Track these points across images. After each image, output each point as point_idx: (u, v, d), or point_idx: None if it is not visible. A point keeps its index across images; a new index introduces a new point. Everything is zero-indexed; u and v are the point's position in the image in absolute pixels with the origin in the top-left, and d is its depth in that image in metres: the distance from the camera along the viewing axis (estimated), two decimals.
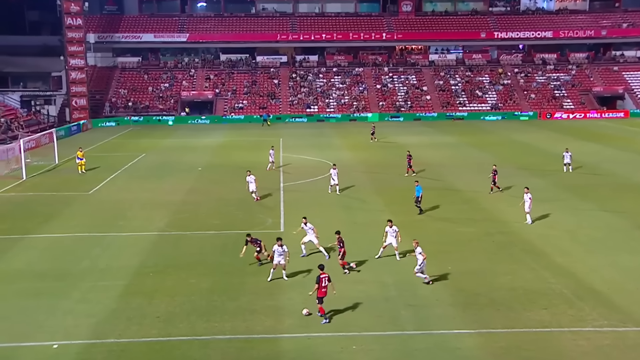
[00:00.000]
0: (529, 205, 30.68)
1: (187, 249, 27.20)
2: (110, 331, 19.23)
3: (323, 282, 19.86)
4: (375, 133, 61.75)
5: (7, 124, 61.69)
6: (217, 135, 67.15)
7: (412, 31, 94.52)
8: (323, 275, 19.94)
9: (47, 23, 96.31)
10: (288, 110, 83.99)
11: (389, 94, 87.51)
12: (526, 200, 30.72)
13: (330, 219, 32.05)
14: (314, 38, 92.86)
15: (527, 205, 30.69)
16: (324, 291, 19.83)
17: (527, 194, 30.83)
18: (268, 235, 28.98)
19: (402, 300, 21.57)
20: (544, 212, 32.55)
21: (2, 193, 38.93)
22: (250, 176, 35.08)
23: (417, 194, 32.85)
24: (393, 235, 25.89)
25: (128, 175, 44.93)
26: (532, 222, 30.77)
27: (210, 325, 19.61)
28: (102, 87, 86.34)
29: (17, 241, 28.61)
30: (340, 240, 24.57)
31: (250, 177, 35.04)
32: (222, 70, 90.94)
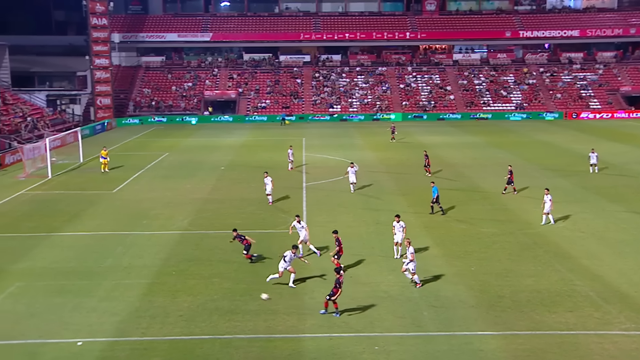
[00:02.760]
0: (549, 206, 30.43)
1: (210, 248, 27.36)
2: (134, 329, 19.42)
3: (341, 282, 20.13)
4: (395, 133, 61.33)
5: (34, 123, 62.55)
6: (240, 135, 67.43)
7: (436, 30, 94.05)
8: (342, 278, 20.22)
9: (73, 23, 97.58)
10: (311, 110, 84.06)
11: (412, 93, 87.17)
12: (546, 201, 30.47)
13: (354, 219, 32.05)
14: (337, 37, 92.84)
15: (547, 207, 30.45)
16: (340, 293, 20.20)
17: (547, 195, 30.58)
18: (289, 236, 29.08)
19: (424, 301, 21.49)
20: (570, 214, 32.21)
21: (29, 191, 39.50)
22: (267, 177, 35.07)
23: (434, 194, 32.73)
24: (400, 231, 25.93)
25: (151, 174, 45.32)
26: (554, 222, 30.51)
27: (232, 325, 19.71)
28: (126, 87, 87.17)
29: (43, 239, 29.00)
30: (337, 240, 24.51)
31: (267, 178, 35.02)
32: (245, 69, 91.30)
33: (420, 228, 30.43)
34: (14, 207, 35.38)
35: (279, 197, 36.67)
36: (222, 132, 69.96)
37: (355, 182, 38.15)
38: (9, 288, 22.80)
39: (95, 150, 52.38)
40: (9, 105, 65.30)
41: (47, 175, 43.55)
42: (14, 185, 41.33)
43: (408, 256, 22.69)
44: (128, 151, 57.02)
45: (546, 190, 31.00)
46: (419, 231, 29.91)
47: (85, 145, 52.79)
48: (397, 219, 26.25)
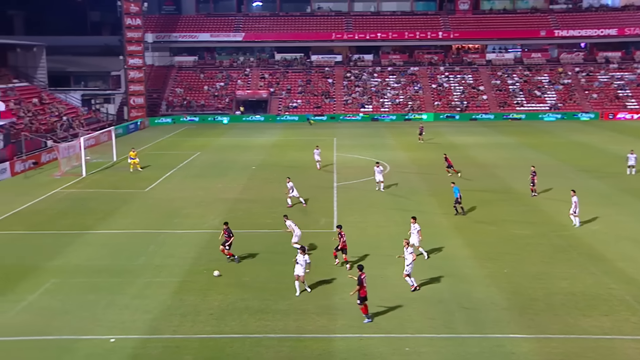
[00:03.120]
0: (574, 208, 30.08)
1: (240, 248, 27.47)
2: (165, 327, 19.63)
3: (365, 281, 19.77)
4: (423, 134, 60.77)
5: (69, 122, 63.62)
6: (271, 134, 67.69)
7: (469, 30, 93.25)
8: (363, 276, 19.83)
9: (107, 23, 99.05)
10: (342, 110, 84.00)
11: (445, 93, 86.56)
12: (572, 202, 30.15)
13: (384, 219, 31.97)
14: (369, 37, 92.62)
15: (572, 208, 30.11)
16: (366, 290, 19.72)
17: (574, 196, 30.25)
18: (320, 235, 29.15)
19: (455, 302, 21.34)
20: (605, 216, 31.68)
21: (64, 189, 40.20)
22: (289, 183, 35.05)
23: (455, 195, 32.53)
24: (415, 233, 25.73)
25: (183, 173, 45.75)
26: (579, 224, 30.11)
27: (263, 324, 19.80)
28: (159, 86, 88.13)
29: (77, 237, 29.50)
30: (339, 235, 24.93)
31: (289, 183, 35.01)
32: (277, 69, 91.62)
33: (450, 229, 30.23)
34: (49, 205, 36.04)
35: (308, 197, 36.75)
36: (253, 132, 70.32)
37: (383, 180, 38.27)
38: (45, 284, 23.24)
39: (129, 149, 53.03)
40: (46, 105, 66.53)
41: (81, 173, 44.27)
42: (49, 183, 42.10)
43: (408, 257, 22.35)
44: (160, 150, 57.66)
45: (572, 192, 30.62)
46: (449, 232, 29.73)
47: (118, 144, 53.49)
48: (413, 221, 26.08)
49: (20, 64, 73.27)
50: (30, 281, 23.59)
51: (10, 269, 25.05)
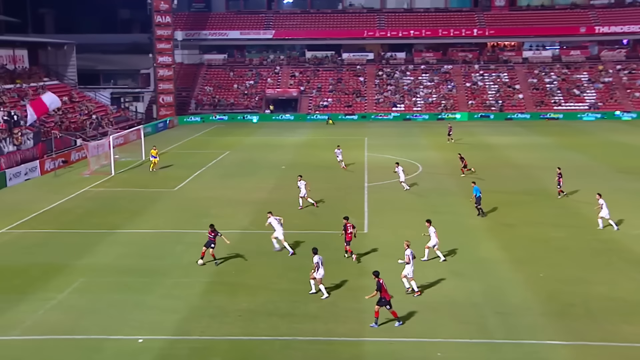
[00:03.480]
0: (604, 211, 29.79)
1: (270, 248, 27.61)
2: (194, 328, 19.80)
3: (384, 286, 19.59)
4: (452, 133, 60.05)
5: (98, 121, 64.57)
6: (301, 134, 67.83)
7: (505, 27, 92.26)
8: (382, 281, 19.67)
9: (137, 21, 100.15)
10: (374, 109, 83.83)
11: (479, 92, 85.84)
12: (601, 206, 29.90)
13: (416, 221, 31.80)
14: (401, 35, 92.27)
15: (603, 212, 29.80)
16: (389, 294, 19.60)
17: (600, 199, 29.97)
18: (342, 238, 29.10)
19: (489, 306, 21.16)
20: None
21: (93, 188, 40.81)
22: (301, 181, 35.05)
23: (477, 195, 32.42)
24: (433, 235, 25.67)
25: (212, 172, 46.10)
26: (603, 227, 29.78)
27: (292, 326, 19.85)
28: (189, 84, 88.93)
29: (106, 236, 29.92)
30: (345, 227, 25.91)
31: (301, 182, 35.01)
32: (308, 67, 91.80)
33: (484, 231, 29.99)
34: (78, 204, 36.61)
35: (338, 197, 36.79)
36: (283, 131, 70.55)
37: (404, 179, 38.55)
38: (74, 283, 23.62)
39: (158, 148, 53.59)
40: (75, 103, 67.63)
41: (110, 172, 44.88)
42: (78, 182, 42.76)
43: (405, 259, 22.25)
44: (189, 149, 58.18)
45: (598, 195, 30.25)
46: (482, 235, 29.51)
47: (147, 143, 54.05)
48: (428, 225, 25.94)
49: (51, 62, 74.65)
50: (59, 280, 24.00)
51: (40, 267, 25.51)
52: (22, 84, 62.80)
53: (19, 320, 20.39)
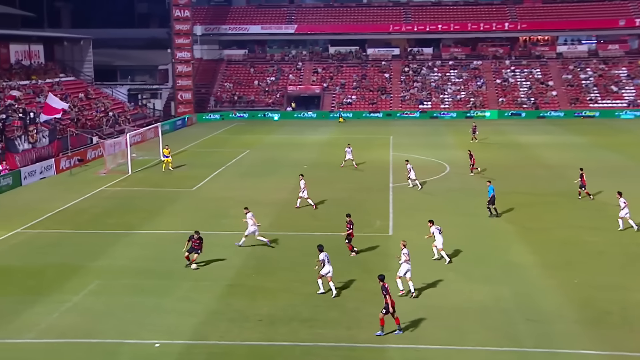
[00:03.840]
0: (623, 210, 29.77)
1: (291, 250, 27.67)
2: (212, 332, 19.89)
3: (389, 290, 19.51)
4: (477, 132, 59.34)
5: (115, 118, 65.18)
6: (324, 132, 67.86)
7: (538, 20, 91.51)
8: (387, 285, 19.54)
9: (155, 15, 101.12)
10: (399, 106, 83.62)
11: (510, 89, 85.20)
12: (620, 205, 29.96)
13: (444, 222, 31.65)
14: (429, 29, 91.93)
15: (623, 212, 29.76)
16: (394, 301, 19.48)
17: (621, 198, 30.08)
18: (375, 239, 29.10)
19: (520, 313, 20.99)
20: None
21: (109, 187, 41.20)
22: (302, 181, 35.04)
23: (490, 194, 32.48)
24: (439, 235, 25.88)
25: (232, 172, 46.30)
26: (623, 228, 29.78)
27: (313, 332, 19.86)
28: (208, 81, 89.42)
29: (122, 237, 30.19)
30: (350, 223, 26.90)
31: (302, 181, 35.00)
32: (331, 63, 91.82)
33: (515, 235, 29.79)
34: (94, 203, 36.99)
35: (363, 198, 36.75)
36: (305, 129, 70.64)
37: (414, 177, 39.19)
38: (90, 285, 23.86)
39: (175, 146, 54.04)
40: (92, 100, 68.33)
41: (127, 171, 45.28)
42: (94, 181, 43.20)
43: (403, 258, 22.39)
44: (208, 148, 58.50)
45: (618, 194, 30.38)
46: (513, 238, 29.32)
47: (165, 141, 54.41)
48: (430, 224, 26.18)
49: (67, 57, 75.50)
50: (74, 281, 24.26)
51: (55, 268, 25.81)
52: (37, 80, 63.61)
53: (34, 322, 20.64)
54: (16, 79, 61.05)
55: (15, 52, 66.25)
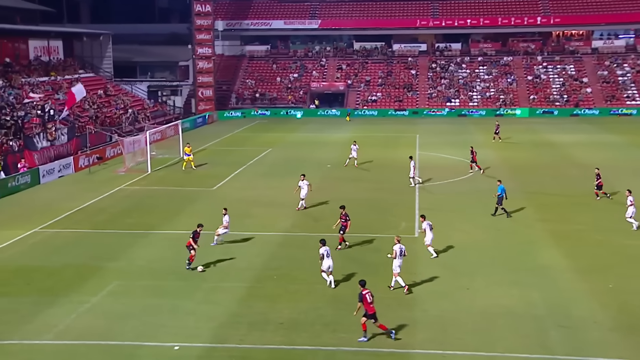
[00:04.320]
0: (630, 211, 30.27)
1: (314, 252, 27.59)
2: (232, 335, 19.96)
3: (367, 298, 19.33)
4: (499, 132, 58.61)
5: (135, 115, 65.70)
6: (348, 130, 67.76)
7: (572, 14, 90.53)
8: (365, 292, 19.43)
9: (175, 10, 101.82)
10: (426, 104, 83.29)
11: (542, 86, 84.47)
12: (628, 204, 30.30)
13: (471, 224, 31.53)
14: (457, 24, 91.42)
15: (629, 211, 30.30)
16: (372, 307, 19.35)
17: (629, 197, 30.57)
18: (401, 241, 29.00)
19: (552, 319, 20.80)
20: None
21: (128, 186, 41.54)
22: (303, 181, 34.89)
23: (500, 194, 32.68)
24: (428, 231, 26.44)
25: (253, 171, 46.43)
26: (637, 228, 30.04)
27: (336, 336, 19.85)
28: (229, 77, 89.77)
29: (141, 237, 30.43)
30: (346, 215, 27.84)
31: (303, 182, 34.86)
32: (355, 59, 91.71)
33: (546, 237, 29.53)
34: (113, 203, 37.33)
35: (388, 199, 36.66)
36: (328, 127, 70.62)
37: (413, 175, 40.17)
38: (108, 286, 24.08)
39: (195, 144, 54.29)
40: (111, 97, 68.91)
41: (146, 170, 45.61)
42: (113, 179, 43.59)
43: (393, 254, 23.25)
44: (229, 146, 58.74)
45: (628, 192, 31.03)
46: (545, 240, 29.07)
47: (185, 139, 54.74)
48: (422, 219, 27.16)
49: (86, 53, 76.26)
50: (93, 282, 24.50)
51: (74, 269, 26.08)
52: (56, 77, 64.29)
53: (52, 324, 20.88)
54: (35, 75, 61.80)
55: (34, 47, 67.07)
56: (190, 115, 77.58)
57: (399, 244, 23.39)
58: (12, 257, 27.79)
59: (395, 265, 23.15)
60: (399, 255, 23.15)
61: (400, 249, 23.30)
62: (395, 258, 23.17)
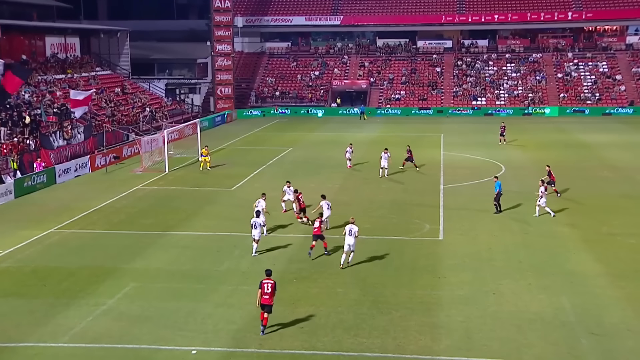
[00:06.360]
0: (540, 199, 32.42)
1: (335, 255, 27.65)
2: (251, 340, 20.00)
3: (265, 288, 20.19)
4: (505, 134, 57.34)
5: (152, 114, 66.09)
6: (370, 130, 67.70)
7: (606, 8, 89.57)
8: (265, 281, 20.34)
9: (194, 6, 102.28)
10: (451, 103, 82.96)
11: (573, 84, 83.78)
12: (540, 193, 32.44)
13: (498, 227, 31.35)
14: (484, 19, 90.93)
15: (543, 200, 32.47)
16: (266, 298, 20.16)
17: (542, 186, 32.62)
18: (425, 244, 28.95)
19: (583, 326, 20.60)
20: None
21: (145, 186, 41.79)
22: (289, 187, 34.69)
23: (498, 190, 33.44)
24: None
25: (273, 171, 46.50)
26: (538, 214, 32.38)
27: (358, 341, 19.82)
28: (249, 75, 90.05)
29: (159, 238, 30.58)
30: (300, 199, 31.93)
31: (289, 188, 34.60)
32: (378, 56, 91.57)
33: (577, 241, 29.26)
34: (130, 203, 37.57)
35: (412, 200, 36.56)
36: (350, 127, 70.57)
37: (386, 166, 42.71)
38: (125, 288, 24.23)
39: (214, 143, 54.58)
40: (128, 95, 69.46)
41: (164, 169, 45.85)
42: (130, 179, 43.89)
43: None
44: (248, 145, 58.89)
45: (540, 182, 33.10)
46: (575, 244, 28.81)
47: (204, 138, 54.99)
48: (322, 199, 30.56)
49: (103, 50, 76.93)
50: (109, 284, 24.67)
51: (89, 270, 26.28)
52: (73, 74, 64.93)
53: (68, 326, 21.04)
54: (51, 73, 62.44)
55: (50, 44, 67.80)
56: (209, 114, 77.94)
57: (353, 226, 25.80)
58: (28, 258, 28.06)
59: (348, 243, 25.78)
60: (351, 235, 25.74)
61: (350, 229, 25.71)
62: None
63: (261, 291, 20.24)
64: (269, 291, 20.18)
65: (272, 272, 20.86)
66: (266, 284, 20.24)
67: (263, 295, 20.20)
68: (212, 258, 27.65)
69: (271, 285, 20.27)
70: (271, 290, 20.20)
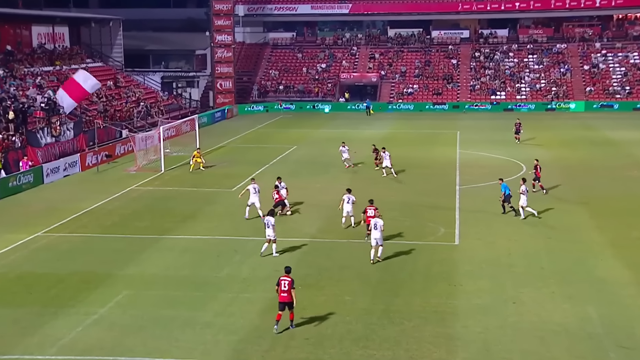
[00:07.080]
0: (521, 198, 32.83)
1: (343, 260, 27.66)
2: (253, 351, 20.00)
3: (282, 285, 20.91)
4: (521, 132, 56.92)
5: (147, 109, 66.16)
6: (381, 126, 67.71)
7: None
8: (283, 279, 21.00)
9: None
10: (467, 97, 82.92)
11: (600, 77, 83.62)
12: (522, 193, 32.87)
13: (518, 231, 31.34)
14: (504, 7, 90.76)
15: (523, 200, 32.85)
16: (284, 296, 20.85)
17: (522, 185, 33.07)
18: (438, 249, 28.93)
19: (611, 339, 20.56)
20: None
21: (140, 187, 41.88)
22: (281, 183, 35.16)
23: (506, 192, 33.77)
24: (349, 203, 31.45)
25: (276, 170, 46.34)
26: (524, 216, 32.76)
27: (367, 353, 19.81)
28: (251, 68, 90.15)
29: (154, 242, 30.63)
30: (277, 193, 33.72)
31: (281, 183, 35.15)
32: (390, 48, 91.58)
33: (605, 246, 29.19)
34: (123, 204, 37.65)
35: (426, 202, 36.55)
36: (359, 123, 70.59)
37: (348, 158, 45.89)
38: (117, 296, 24.26)
39: (213, 141, 54.73)
40: (121, 88, 69.56)
41: (159, 169, 45.94)
42: (123, 179, 43.99)
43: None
44: (250, 143, 58.96)
45: (522, 181, 33.54)
46: (603, 250, 28.73)
47: (202, 135, 55.08)
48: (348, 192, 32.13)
49: (95, 41, 76.96)
50: (101, 292, 24.70)
51: (79, 276, 26.33)
52: (62, 66, 65.01)
53: (56, 337, 21.07)
54: (39, 65, 62.53)
55: (37, 34, 67.80)
56: (208, 109, 78.05)
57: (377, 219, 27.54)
58: (13, 264, 28.13)
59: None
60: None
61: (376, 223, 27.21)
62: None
63: (279, 288, 20.97)
64: (286, 288, 20.82)
65: (291, 270, 21.52)
66: (283, 281, 20.94)
67: (281, 293, 20.86)
68: (211, 263, 27.67)
69: (288, 283, 20.90)
70: (288, 288, 20.84)
